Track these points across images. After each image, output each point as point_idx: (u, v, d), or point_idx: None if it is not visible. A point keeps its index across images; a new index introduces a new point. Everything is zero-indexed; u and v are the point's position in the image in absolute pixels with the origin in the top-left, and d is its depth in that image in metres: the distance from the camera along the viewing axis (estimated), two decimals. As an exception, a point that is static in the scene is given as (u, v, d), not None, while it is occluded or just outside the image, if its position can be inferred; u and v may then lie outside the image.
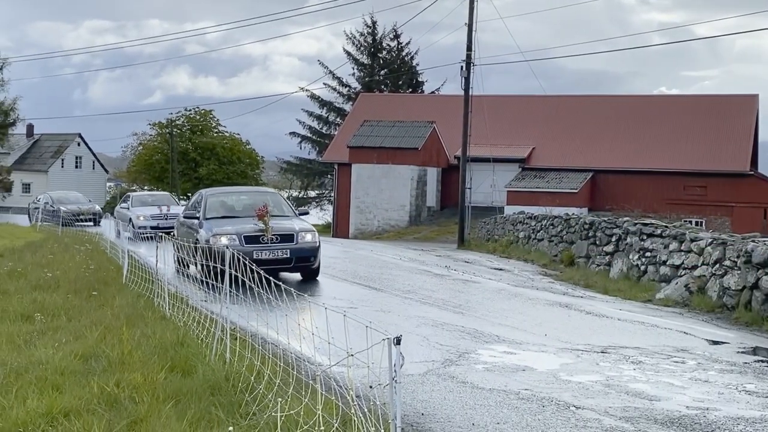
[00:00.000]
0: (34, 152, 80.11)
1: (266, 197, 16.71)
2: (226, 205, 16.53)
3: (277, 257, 14.32)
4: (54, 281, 12.95)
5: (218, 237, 14.33)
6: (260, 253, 14.05)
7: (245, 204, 16.37)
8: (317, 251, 14.93)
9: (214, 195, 17.05)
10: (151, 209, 28.83)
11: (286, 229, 14.79)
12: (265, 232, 14.35)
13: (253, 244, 14.26)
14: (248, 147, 68.95)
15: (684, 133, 45.50)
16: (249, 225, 14.67)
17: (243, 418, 5.73)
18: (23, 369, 6.97)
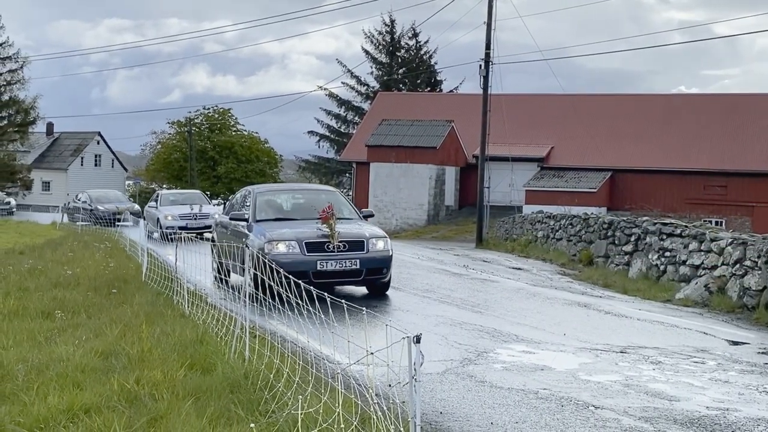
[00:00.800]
0: (54, 150, 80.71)
1: (324, 196, 14.54)
2: (280, 205, 14.42)
3: (345, 268, 12.30)
4: (74, 279, 13.04)
5: (274, 243, 12.29)
6: (325, 263, 12.15)
7: (301, 204, 14.41)
8: (390, 261, 12.92)
9: (265, 193, 14.76)
10: (181, 208, 27.22)
11: (354, 234, 12.69)
12: (331, 239, 12.25)
13: (317, 252, 12.25)
14: (266, 145, 69.16)
15: (704, 133, 45.19)
16: (310, 229, 12.59)
17: (262, 415, 5.74)
18: (44, 366, 7.03)
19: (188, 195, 30.79)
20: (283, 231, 12.73)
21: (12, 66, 64.98)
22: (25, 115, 65.34)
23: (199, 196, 30.74)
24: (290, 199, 14.80)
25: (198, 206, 27.32)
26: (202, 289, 11.48)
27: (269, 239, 12.44)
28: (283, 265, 10.41)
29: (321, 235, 12.38)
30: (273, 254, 11.74)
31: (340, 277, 12.39)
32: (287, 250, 12.19)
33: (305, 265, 11.92)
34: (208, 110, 68.32)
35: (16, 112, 64.84)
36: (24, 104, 65.26)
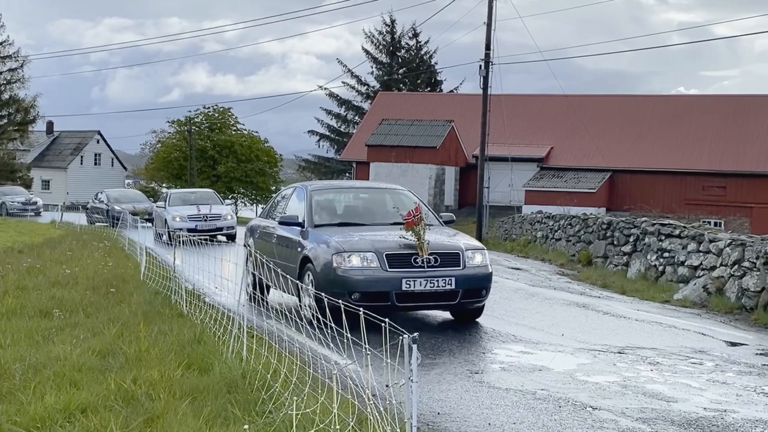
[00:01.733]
0: (54, 149, 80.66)
1: (392, 196, 12.09)
2: (342, 206, 11.87)
3: (437, 289, 9.66)
4: (72, 278, 13.03)
5: (345, 256, 9.72)
6: (413, 282, 9.55)
7: (367, 205, 11.87)
8: (491, 280, 10.42)
9: (321, 191, 11.99)
10: (191, 209, 25.36)
11: (447, 245, 10.14)
12: (420, 250, 9.67)
13: (401, 267, 9.64)
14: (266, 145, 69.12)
15: (703, 134, 45.20)
16: (390, 237, 10.04)
17: (259, 416, 5.74)
18: (41, 365, 7.02)
19: (200, 194, 28.67)
20: (354, 239, 10.05)
21: (12, 65, 65.00)
22: (25, 114, 65.32)
23: (211, 195, 28.59)
24: (353, 199, 12.25)
25: (207, 206, 25.67)
26: (200, 289, 11.46)
27: (338, 250, 9.79)
28: (357, 284, 9.60)
29: (405, 246, 9.78)
30: (343, 269, 9.61)
31: (430, 300, 9.77)
32: (362, 264, 9.63)
33: (386, 284, 9.55)
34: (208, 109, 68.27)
35: (16, 110, 64.83)
36: (24, 103, 65.24)
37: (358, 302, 8.42)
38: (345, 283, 9.58)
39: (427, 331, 9.82)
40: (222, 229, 25.34)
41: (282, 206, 12.44)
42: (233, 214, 27.55)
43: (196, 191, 31.03)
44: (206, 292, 11.41)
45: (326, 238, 10.26)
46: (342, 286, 9.52)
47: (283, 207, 12.26)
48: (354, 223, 11.12)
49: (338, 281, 9.62)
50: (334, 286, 9.39)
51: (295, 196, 12.10)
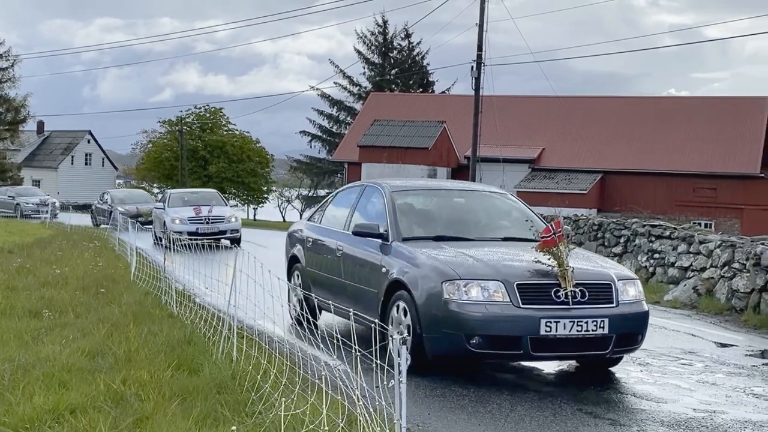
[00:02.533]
0: (44, 149, 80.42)
1: (499, 202, 9.71)
2: (434, 213, 9.13)
3: (586, 334, 7.20)
4: (62, 278, 12.98)
5: (461, 285, 7.22)
6: (554, 324, 7.08)
7: (468, 213, 9.20)
8: (647, 322, 7.86)
9: (405, 192, 9.31)
10: (192, 210, 23.87)
11: (594, 273, 7.64)
12: (563, 280, 7.23)
13: (539, 303, 7.20)
14: (258, 145, 69.05)
15: (694, 135, 45.35)
16: (517, 261, 7.67)
17: (249, 416, 5.73)
18: (30, 365, 6.99)
19: (201, 194, 27.23)
20: (468, 261, 7.56)
21: (3, 64, 64.76)
22: (15, 114, 65.10)
23: (214, 195, 27.14)
24: (446, 204, 9.36)
25: (209, 208, 24.08)
26: (190, 289, 11.44)
27: (450, 276, 7.31)
28: (479, 324, 7.03)
29: (539, 273, 7.34)
30: (459, 304, 7.14)
31: (574, 348, 7.32)
32: (485, 297, 7.17)
33: (520, 326, 7.09)
34: (200, 109, 68.18)
35: (7, 110, 64.61)
36: (15, 102, 65.02)
37: (479, 348, 7.10)
38: (461, 322, 7.09)
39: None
40: (225, 232, 23.78)
41: (340, 210, 9.86)
42: (237, 216, 25.52)
43: (198, 191, 29.50)
44: (196, 293, 11.38)
45: (427, 258, 7.72)
46: (456, 326, 7.10)
47: (348, 211, 9.51)
48: (455, 237, 8.44)
49: (451, 320, 7.13)
50: (445, 325, 7.17)
51: (367, 197, 9.37)
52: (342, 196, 10.32)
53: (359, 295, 8.39)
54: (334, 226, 9.67)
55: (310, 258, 9.97)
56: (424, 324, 7.31)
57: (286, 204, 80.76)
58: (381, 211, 8.82)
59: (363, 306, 8.16)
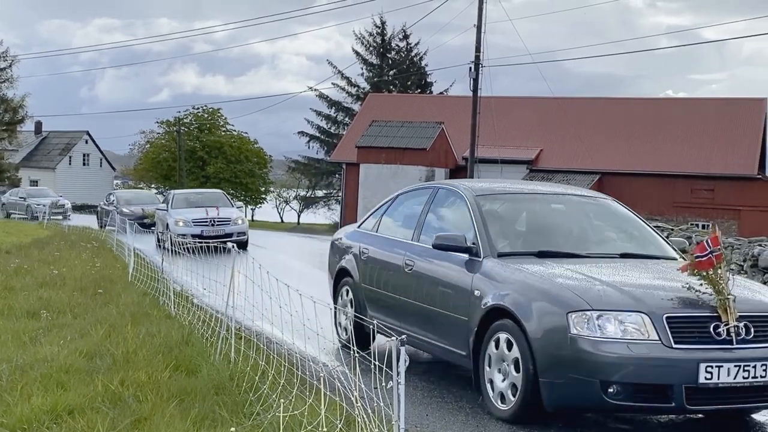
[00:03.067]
0: (42, 149, 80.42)
1: (602, 208, 8.06)
2: (530, 223, 7.63)
3: (754, 380, 5.76)
4: (60, 278, 12.98)
5: (593, 317, 5.79)
6: (716, 369, 5.67)
7: (572, 223, 7.63)
8: None
9: (493, 197, 7.74)
10: (196, 212, 23.00)
11: (763, 304, 6.19)
12: (723, 312, 5.83)
13: (696, 343, 5.78)
14: (256, 146, 69.10)
15: (692, 136, 45.41)
16: (656, 286, 6.25)
17: (247, 417, 5.73)
18: (28, 366, 6.99)
19: (206, 195, 26.07)
20: (596, 286, 6.10)
21: (1, 64, 64.73)
22: (13, 114, 65.07)
23: (220, 196, 25.89)
24: (543, 212, 7.85)
25: (215, 209, 23.11)
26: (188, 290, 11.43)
27: (576, 305, 5.85)
28: (618, 369, 5.60)
29: (690, 303, 5.92)
30: (593, 342, 5.69)
31: (741, 400, 5.84)
32: (625, 334, 5.71)
33: (672, 372, 5.66)
34: (198, 110, 68.21)
35: (5, 110, 64.57)
36: (12, 103, 64.99)
37: (618, 399, 5.63)
38: (595, 366, 5.64)
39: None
40: (231, 235, 22.33)
41: (404, 216, 8.50)
42: (244, 218, 24.64)
43: (203, 192, 28.58)
44: (195, 294, 11.38)
45: (540, 279, 6.24)
46: (589, 370, 5.66)
47: (415, 219, 8.03)
48: (562, 252, 6.93)
49: (581, 362, 5.69)
50: (572, 369, 5.71)
51: (440, 202, 7.96)
52: (405, 200, 8.77)
53: (438, 322, 7.01)
54: (398, 236, 8.23)
55: (366, 273, 8.42)
56: (541, 365, 5.84)
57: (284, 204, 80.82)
58: (463, 220, 7.34)
59: (443, 334, 6.94)
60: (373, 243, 8.54)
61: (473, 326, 6.51)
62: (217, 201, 24.60)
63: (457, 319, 6.75)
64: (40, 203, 39.92)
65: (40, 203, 40.00)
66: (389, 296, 7.85)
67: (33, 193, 44.13)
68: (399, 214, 8.66)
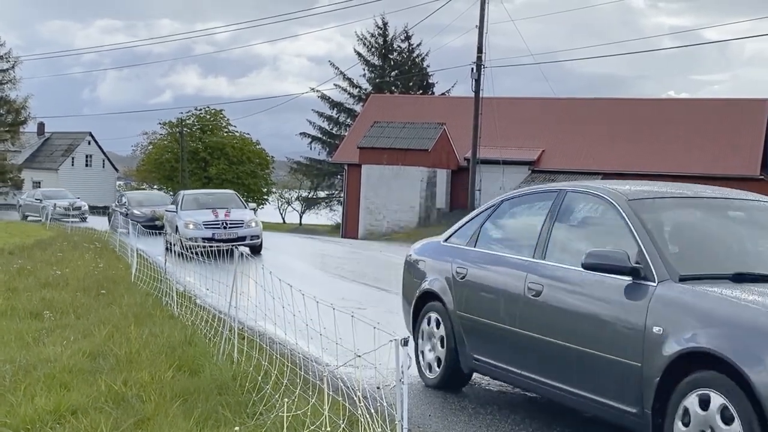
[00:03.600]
0: (45, 150, 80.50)
1: None
2: (707, 235, 5.96)
3: None
4: (63, 279, 13.00)
5: None
6: None
7: (755, 234, 6.11)
8: None
9: (650, 203, 5.93)
10: (207, 213, 21.70)
11: None
12: None
13: None
14: (258, 147, 69.15)
15: (694, 137, 45.40)
16: None
17: (250, 417, 5.73)
18: (32, 366, 7.00)
19: (218, 196, 24.79)
20: None
21: (3, 66, 64.85)
22: (16, 115, 65.19)
23: (231, 197, 24.61)
24: (719, 221, 6.15)
25: (227, 210, 21.86)
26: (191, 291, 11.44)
27: None
28: None
29: None
30: None
31: None
32: None
33: None
34: (200, 111, 68.29)
35: (7, 111, 64.70)
36: (15, 104, 65.11)
37: None
38: None
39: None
40: (245, 238, 20.98)
41: (517, 227, 7.23)
42: (258, 221, 22.73)
43: (214, 192, 27.44)
44: (197, 294, 11.39)
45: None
46: None
47: (535, 229, 6.50)
48: (764, 275, 5.22)
49: None
50: None
51: (571, 209, 6.43)
52: (513, 207, 7.28)
53: (586, 365, 5.48)
54: (511, 253, 6.71)
55: (464, 298, 6.98)
56: None
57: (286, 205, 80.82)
58: (614, 233, 5.81)
59: (594, 382, 5.41)
60: (473, 261, 7.06)
61: (652, 376, 4.93)
62: (229, 202, 23.38)
63: (619, 363, 5.19)
64: (58, 205, 38.30)
65: (57, 205, 38.29)
66: (501, 329, 6.37)
67: (50, 195, 42.22)
68: (508, 226, 7.27)
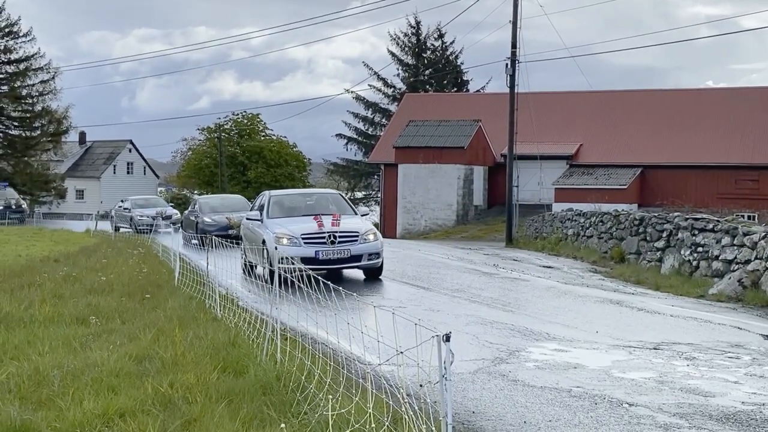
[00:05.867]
0: (87, 159, 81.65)
1: None
2: None
3: None
4: (108, 285, 13.18)
5: None
6: None
7: None
8: None
9: None
10: (305, 223, 14.26)
11: None
12: None
13: None
14: (295, 149, 69.43)
15: (734, 127, 44.67)
16: None
17: (294, 417, 5.77)
18: (79, 371, 7.12)
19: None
20: None
21: (44, 77, 65.86)
22: (57, 125, 66.18)
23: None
24: None
25: (331, 218, 16.30)
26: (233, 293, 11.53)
27: None
28: None
29: None
30: None
31: None
32: None
33: None
34: (237, 116, 68.74)
35: (49, 122, 65.68)
36: (56, 114, 66.09)
37: None
38: None
39: (457, 330, 9.80)
40: (360, 258, 14.74)
41: None
42: (377, 232, 15.58)
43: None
44: (239, 296, 11.48)
45: None
46: None
47: None
48: None
49: None
50: None
51: None
52: None
53: None
54: None
55: None
56: None
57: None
58: None
59: None
60: None
61: None
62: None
63: None
64: (145, 215, 34.39)
65: (144, 215, 34.39)
66: None
67: (141, 204, 37.52)
68: None
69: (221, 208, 26.54)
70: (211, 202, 28.14)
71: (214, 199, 29.77)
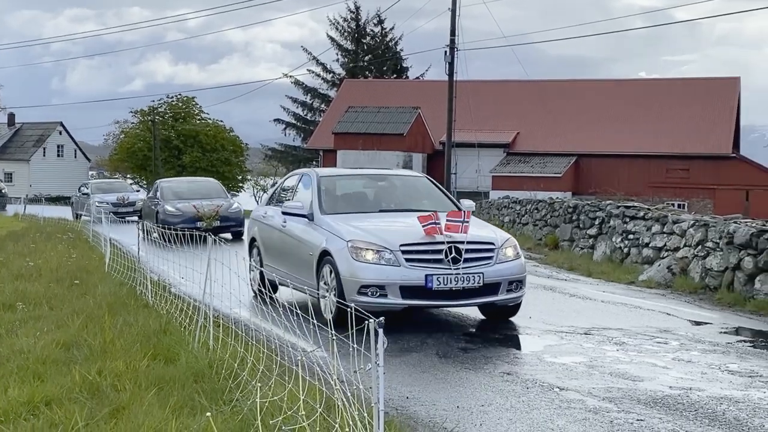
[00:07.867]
0: (16, 141, 79.57)
1: None
2: None
3: None
4: (36, 270, 12.86)
5: None
6: None
7: None
8: None
9: None
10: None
11: None
12: None
13: None
14: (232, 134, 68.67)
15: (666, 117, 45.67)
16: None
17: (226, 404, 5.70)
18: (5, 358, 6.93)
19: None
20: None
21: (-30, 56, 63.89)
22: (-16, 106, 64.36)
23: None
24: None
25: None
26: (165, 279, 11.35)
27: None
28: None
29: None
30: None
31: None
32: None
33: None
34: (172, 99, 67.66)
35: (-24, 102, 63.83)
36: (-17, 95, 64.23)
37: None
38: None
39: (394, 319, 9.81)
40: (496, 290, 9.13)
41: None
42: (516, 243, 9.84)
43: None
44: (172, 283, 11.30)
45: None
46: None
47: None
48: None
49: None
50: None
51: None
52: None
53: None
54: None
55: None
56: None
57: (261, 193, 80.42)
58: None
59: None
60: None
61: None
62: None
63: None
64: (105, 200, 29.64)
65: (104, 200, 29.51)
66: None
67: (104, 188, 33.31)
68: None
69: (188, 194, 22.23)
70: (176, 186, 23.35)
71: (179, 182, 24.88)
